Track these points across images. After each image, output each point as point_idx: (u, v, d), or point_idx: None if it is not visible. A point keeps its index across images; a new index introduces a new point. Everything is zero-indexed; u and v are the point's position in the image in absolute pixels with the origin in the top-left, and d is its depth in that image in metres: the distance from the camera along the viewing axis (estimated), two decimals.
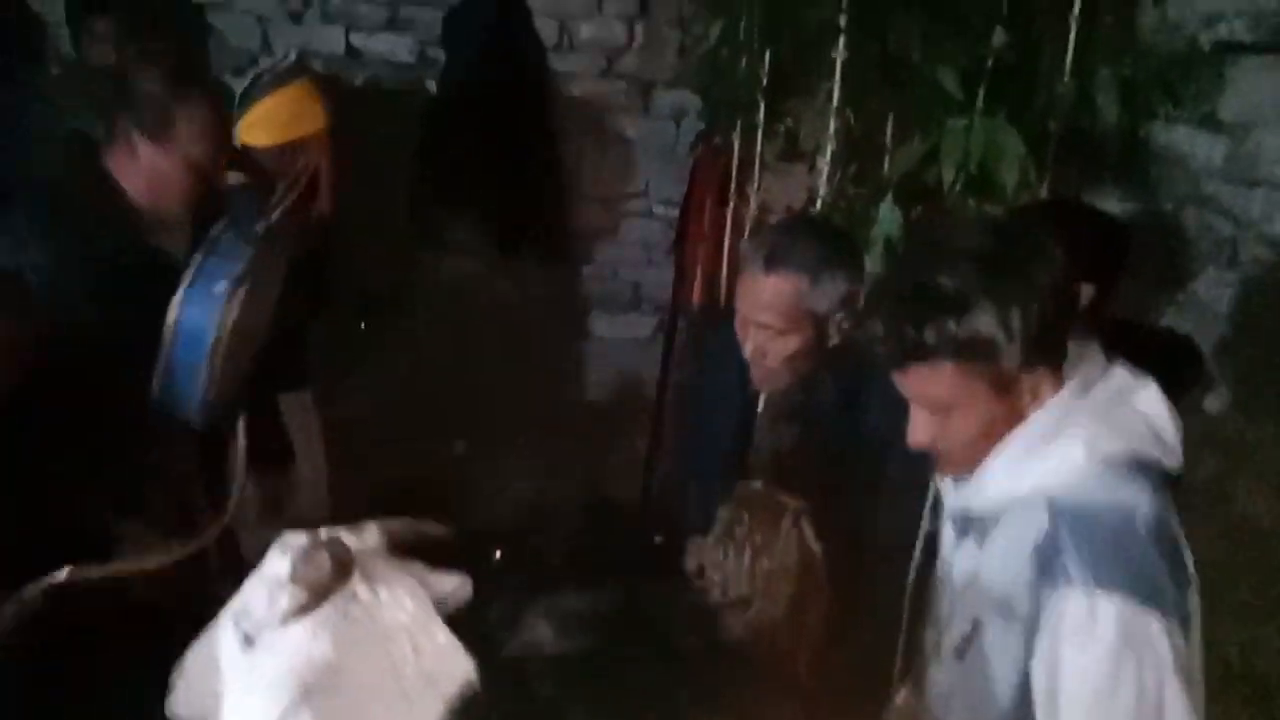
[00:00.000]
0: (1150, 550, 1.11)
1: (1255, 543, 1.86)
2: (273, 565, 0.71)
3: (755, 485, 1.45)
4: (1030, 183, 2.00)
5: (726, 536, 1.42)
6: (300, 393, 2.73)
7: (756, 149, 2.71)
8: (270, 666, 0.67)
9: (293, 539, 0.72)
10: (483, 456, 3.51)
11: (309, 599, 0.69)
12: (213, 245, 1.74)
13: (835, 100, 2.29)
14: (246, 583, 0.72)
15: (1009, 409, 1.18)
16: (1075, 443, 1.16)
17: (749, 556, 1.34)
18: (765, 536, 1.35)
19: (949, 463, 1.25)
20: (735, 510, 1.36)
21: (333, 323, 2.93)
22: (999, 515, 1.21)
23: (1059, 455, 1.16)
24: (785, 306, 1.61)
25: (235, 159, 2.29)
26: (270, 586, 0.70)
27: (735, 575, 1.35)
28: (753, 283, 1.64)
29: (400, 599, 0.74)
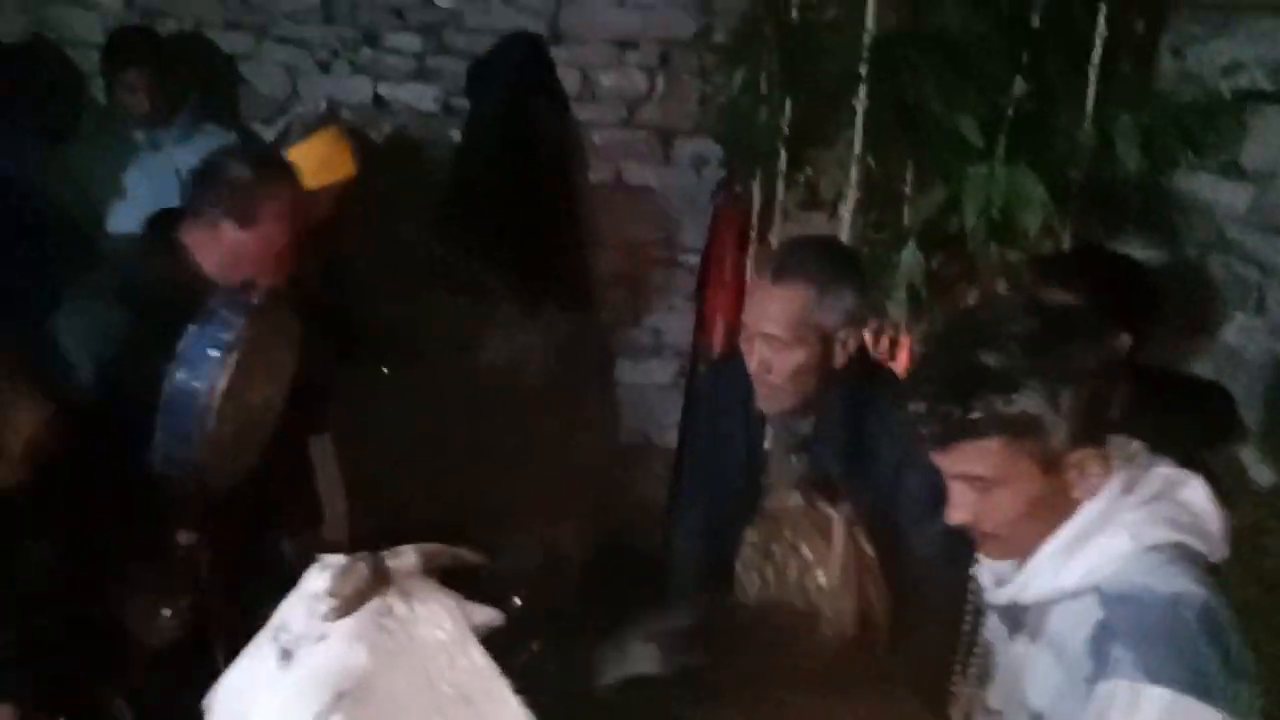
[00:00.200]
0: (1201, 640, 1.10)
1: None
2: (311, 582, 0.72)
3: (792, 498, 1.42)
4: (1053, 229, 2.00)
5: (763, 559, 1.39)
6: (320, 436, 2.74)
7: (777, 197, 2.73)
8: (306, 675, 0.67)
9: (331, 559, 0.72)
10: (502, 502, 3.50)
11: (346, 606, 0.69)
12: (210, 313, 1.76)
13: (856, 148, 2.31)
14: (285, 601, 0.72)
15: (1055, 486, 1.16)
16: (1121, 534, 1.15)
17: (796, 573, 1.31)
18: (816, 551, 1.32)
19: (991, 543, 1.23)
20: (771, 528, 1.33)
21: (354, 367, 2.95)
22: (1048, 608, 1.20)
23: (1106, 547, 1.15)
24: (792, 317, 1.63)
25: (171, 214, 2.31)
26: (308, 602, 0.70)
27: (782, 588, 1.32)
28: (761, 294, 1.68)
29: (438, 617, 0.74)
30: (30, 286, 2.42)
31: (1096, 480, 1.17)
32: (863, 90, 2.25)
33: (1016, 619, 1.26)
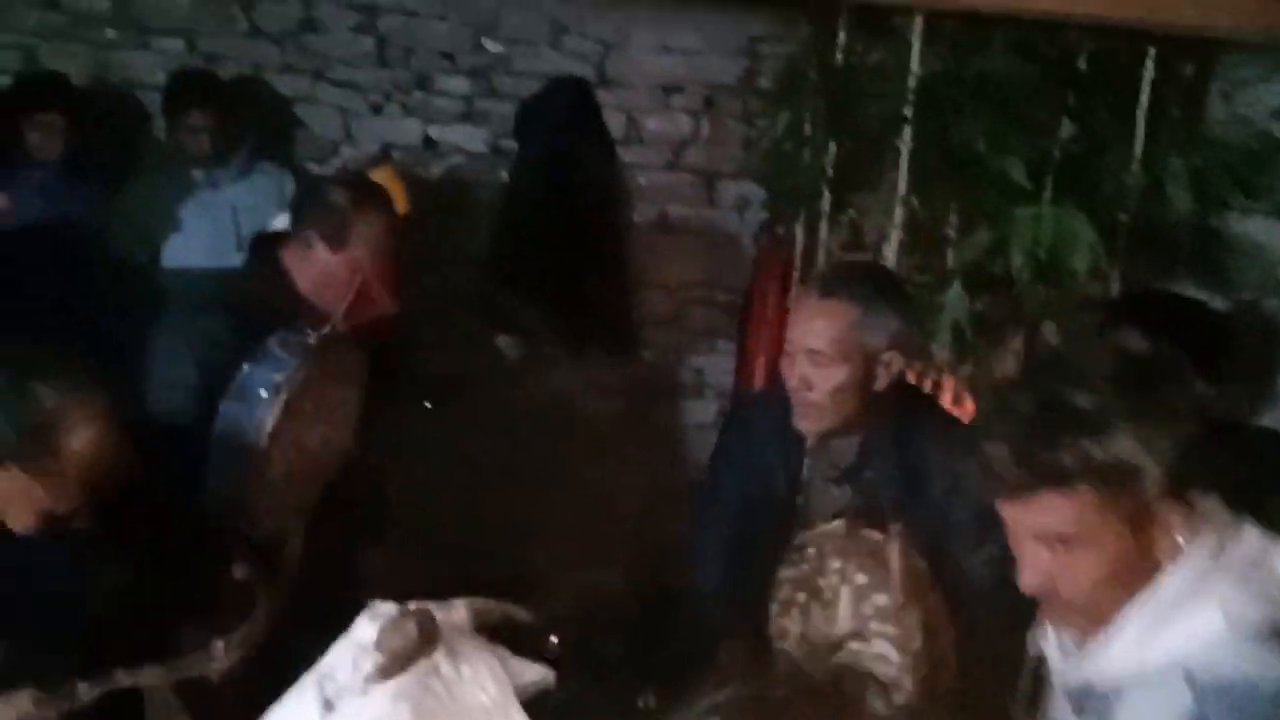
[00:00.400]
0: None
1: None
2: (360, 631, 0.71)
3: (835, 527, 1.40)
4: (1102, 270, 1.98)
5: (808, 596, 1.37)
6: None
7: (820, 238, 2.74)
8: None
9: (382, 607, 0.72)
10: (543, 542, 3.49)
11: (392, 666, 0.69)
12: (265, 352, 1.79)
13: (901, 190, 2.32)
14: (333, 648, 0.72)
15: (1139, 547, 1.06)
16: (1213, 610, 1.05)
17: (850, 601, 1.29)
18: (871, 575, 1.30)
19: (1062, 610, 1.12)
20: (814, 562, 1.31)
21: (399, 403, 2.98)
22: (1124, 691, 1.09)
23: (1196, 624, 1.05)
24: (837, 334, 1.62)
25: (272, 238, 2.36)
26: (355, 652, 0.70)
27: (831, 620, 1.30)
28: (807, 310, 1.67)
29: (482, 679, 0.73)
30: (94, 321, 2.50)
31: (1180, 541, 1.07)
32: (907, 132, 2.26)
33: (1085, 699, 1.14)
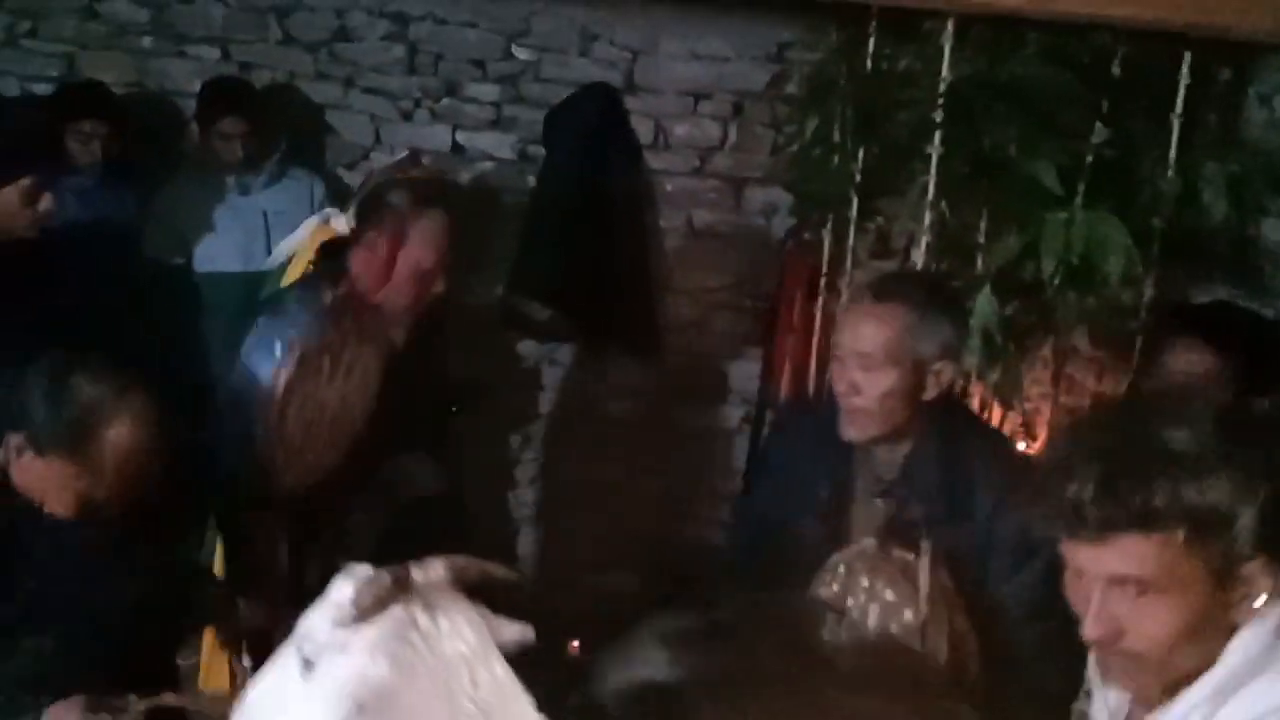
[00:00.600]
0: None
1: None
2: (337, 591, 0.72)
3: (867, 544, 1.40)
4: (1136, 276, 1.96)
5: (837, 615, 1.37)
6: None
7: (848, 244, 2.72)
8: (328, 686, 0.68)
9: (359, 569, 0.73)
10: (564, 545, 3.49)
11: (368, 610, 0.70)
12: (281, 308, 1.81)
13: (930, 195, 2.30)
14: (310, 610, 0.73)
15: (1219, 603, 1.00)
16: None
17: (879, 618, 1.30)
18: (900, 593, 1.30)
19: (1126, 665, 1.04)
20: (845, 579, 1.32)
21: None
22: None
23: (1266, 698, 0.99)
24: (889, 338, 1.60)
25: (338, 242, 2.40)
26: (331, 611, 0.71)
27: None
28: (859, 313, 1.65)
29: (461, 630, 0.74)
30: (131, 327, 2.54)
31: (1262, 603, 1.00)
32: (937, 137, 2.25)
33: None
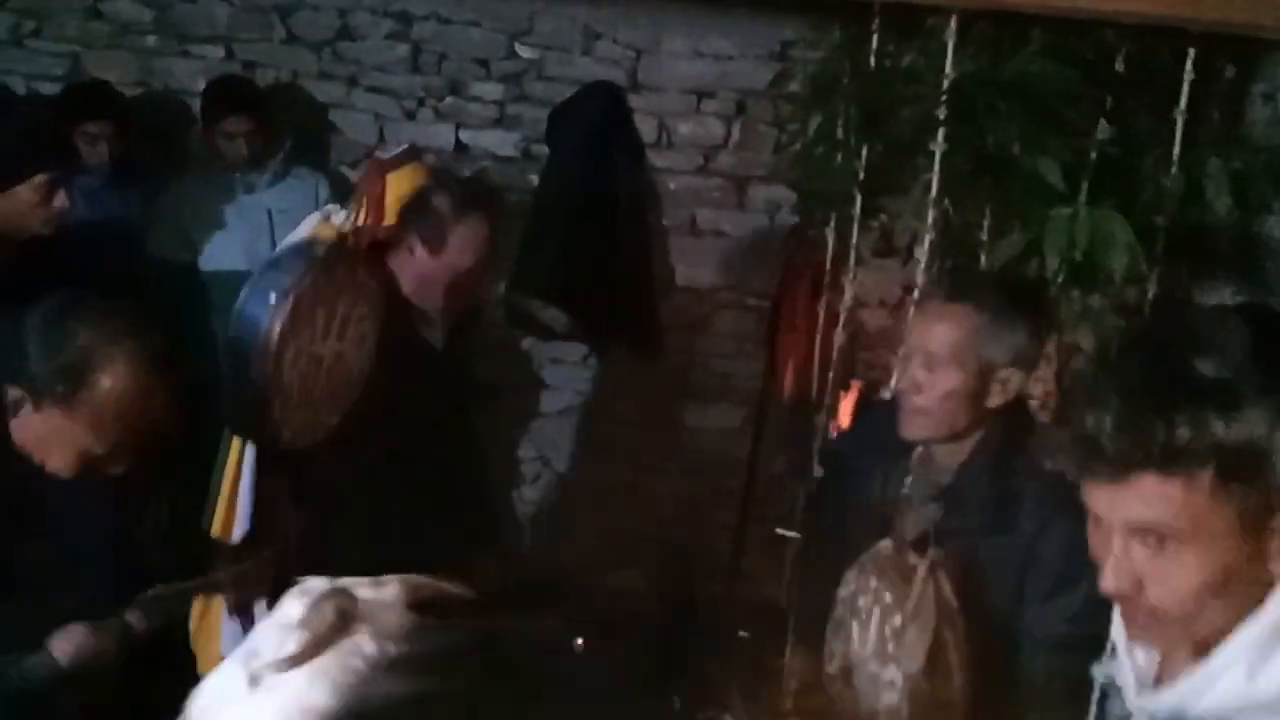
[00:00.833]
0: None
1: None
2: (287, 608, 0.71)
3: (884, 547, 1.41)
4: (1140, 273, 1.96)
5: (849, 615, 1.38)
6: None
7: (851, 242, 2.72)
8: (269, 708, 0.67)
9: (312, 584, 0.72)
10: (568, 545, 3.50)
11: (306, 651, 0.69)
12: (273, 260, 1.82)
13: (933, 193, 2.30)
14: (260, 624, 0.72)
15: (1251, 554, 0.90)
16: None
17: (879, 620, 1.30)
18: (895, 594, 1.31)
19: (1147, 621, 0.96)
20: (860, 580, 1.33)
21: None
22: None
23: None
24: (958, 338, 1.56)
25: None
26: (279, 631, 0.70)
27: (864, 640, 1.31)
28: (930, 311, 1.63)
29: None
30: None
31: None
32: (941, 134, 2.24)
33: None
